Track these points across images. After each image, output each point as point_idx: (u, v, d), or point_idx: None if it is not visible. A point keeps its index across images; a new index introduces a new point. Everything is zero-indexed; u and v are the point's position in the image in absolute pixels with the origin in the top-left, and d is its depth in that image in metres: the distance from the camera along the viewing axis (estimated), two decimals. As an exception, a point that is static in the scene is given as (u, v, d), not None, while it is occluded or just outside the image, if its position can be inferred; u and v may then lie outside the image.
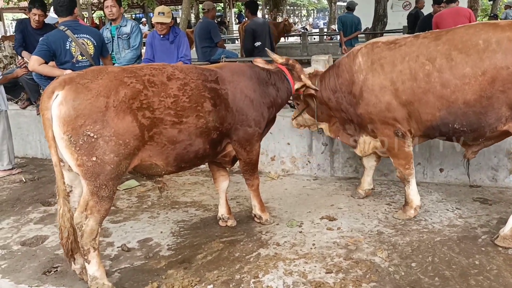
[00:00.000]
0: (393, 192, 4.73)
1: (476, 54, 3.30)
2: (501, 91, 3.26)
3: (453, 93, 3.39)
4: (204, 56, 8.06)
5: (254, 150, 3.85)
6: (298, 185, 5.10)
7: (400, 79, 3.60)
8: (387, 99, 3.69)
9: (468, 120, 3.44)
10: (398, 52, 3.65)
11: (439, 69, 3.43)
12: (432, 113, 3.55)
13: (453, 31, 3.53)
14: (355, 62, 3.86)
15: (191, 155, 3.42)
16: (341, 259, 3.45)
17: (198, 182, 5.30)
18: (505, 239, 3.46)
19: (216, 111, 3.47)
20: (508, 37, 3.23)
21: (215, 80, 3.56)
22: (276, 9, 20.13)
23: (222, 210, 4.13)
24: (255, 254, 3.59)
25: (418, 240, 3.68)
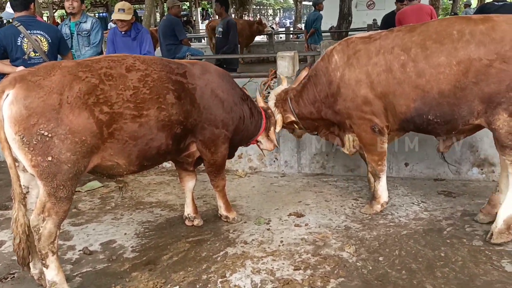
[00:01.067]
0: (359, 188, 4.75)
1: (450, 44, 3.33)
2: (474, 83, 3.28)
3: (428, 82, 3.41)
4: (168, 54, 7.92)
5: (219, 152, 3.75)
6: (265, 183, 5.05)
7: (375, 71, 3.60)
8: (363, 93, 3.68)
9: (442, 111, 3.46)
10: (373, 46, 3.65)
11: (414, 58, 3.44)
12: (407, 105, 3.55)
13: (427, 24, 3.58)
14: (331, 61, 3.84)
15: (153, 152, 3.30)
16: (309, 255, 3.42)
17: (164, 182, 5.19)
18: (501, 234, 3.40)
19: (180, 104, 3.35)
20: (481, 30, 3.27)
21: (182, 74, 3.45)
22: (242, 8, 20.06)
23: (189, 210, 4.03)
24: (222, 253, 3.52)
25: (385, 234, 3.69)
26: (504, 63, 3.18)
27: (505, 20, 3.29)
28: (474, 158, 4.74)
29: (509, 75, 3.18)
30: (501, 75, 3.19)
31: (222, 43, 8.34)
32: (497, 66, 3.20)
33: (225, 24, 8.30)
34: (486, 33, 3.24)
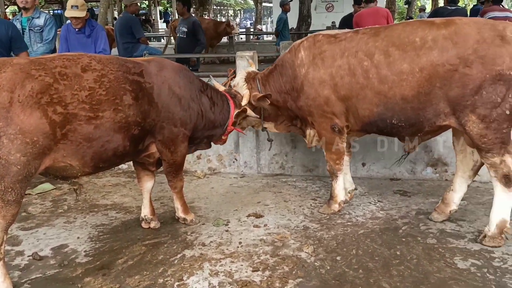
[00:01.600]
0: (318, 187, 4.78)
1: (413, 51, 3.33)
2: (439, 87, 3.29)
3: (391, 89, 3.41)
4: (125, 53, 7.73)
5: (178, 151, 3.68)
6: (224, 183, 5.01)
7: (339, 74, 3.60)
8: (326, 94, 3.68)
9: (406, 116, 3.46)
10: (338, 47, 3.64)
11: (377, 65, 3.44)
12: (370, 109, 3.56)
13: (391, 28, 3.57)
14: (298, 56, 3.81)
15: (109, 154, 3.20)
16: (267, 256, 3.40)
17: (120, 184, 5.05)
18: (494, 238, 3.42)
19: (138, 105, 3.27)
20: (444, 35, 3.28)
21: (139, 73, 3.36)
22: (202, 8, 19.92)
23: (146, 211, 3.93)
24: (179, 256, 3.44)
25: (343, 233, 3.72)
26: (467, 68, 3.19)
27: (467, 23, 3.31)
28: (428, 158, 4.87)
29: (473, 79, 3.18)
30: (464, 79, 3.20)
31: (186, 43, 8.23)
32: (461, 70, 3.21)
33: (191, 24, 8.19)
34: (448, 38, 3.25)
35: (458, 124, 3.35)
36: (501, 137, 3.25)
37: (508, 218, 3.39)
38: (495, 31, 3.20)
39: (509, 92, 3.16)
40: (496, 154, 3.29)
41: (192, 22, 8.25)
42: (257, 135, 5.18)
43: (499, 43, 3.16)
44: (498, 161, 3.29)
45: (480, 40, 3.18)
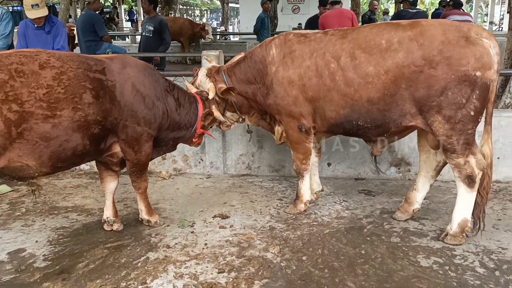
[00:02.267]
0: (284, 188, 4.77)
1: (379, 54, 3.34)
2: (404, 89, 3.31)
3: (357, 91, 3.41)
4: (88, 51, 7.54)
5: (143, 151, 3.58)
6: (190, 184, 4.93)
7: (308, 75, 3.58)
8: (294, 94, 3.66)
9: (372, 117, 3.48)
10: (307, 47, 3.62)
11: (344, 67, 3.43)
12: (336, 111, 3.56)
13: (358, 30, 3.57)
14: (269, 54, 3.76)
15: (68, 153, 3.11)
16: (233, 257, 3.36)
17: (81, 185, 4.90)
18: (455, 237, 3.47)
19: (99, 103, 3.18)
20: (409, 36, 3.30)
21: (101, 71, 3.26)
22: (168, 7, 19.65)
23: (108, 213, 3.82)
24: (143, 258, 3.36)
25: (309, 233, 3.72)
26: (433, 69, 3.22)
27: (433, 25, 3.34)
28: (392, 158, 4.94)
29: (438, 80, 3.21)
30: (430, 80, 3.23)
31: (152, 42, 8.09)
32: (426, 71, 3.23)
33: (157, 23, 8.05)
34: (414, 39, 3.27)
35: (425, 124, 3.38)
36: (466, 138, 3.30)
37: (470, 217, 3.46)
38: (460, 32, 3.25)
39: (473, 93, 3.20)
40: (460, 155, 3.34)
41: (159, 21, 8.12)
42: (223, 135, 5.14)
43: (464, 44, 3.20)
44: (462, 161, 3.35)
45: (445, 41, 3.22)
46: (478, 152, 3.38)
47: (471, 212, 3.47)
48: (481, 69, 3.17)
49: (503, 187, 4.60)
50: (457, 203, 3.48)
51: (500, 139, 4.67)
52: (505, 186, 4.65)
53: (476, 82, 3.18)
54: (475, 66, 3.17)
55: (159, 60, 7.93)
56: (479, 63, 3.17)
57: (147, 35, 8.10)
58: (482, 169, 3.38)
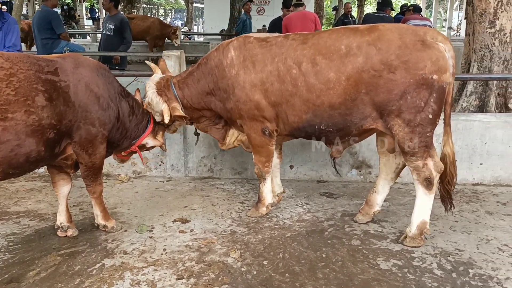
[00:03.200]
0: (246, 190, 4.72)
1: (339, 59, 3.35)
2: (365, 93, 3.33)
3: (319, 97, 3.41)
4: (44, 49, 7.27)
5: (97, 153, 3.46)
6: (150, 187, 4.81)
7: (270, 80, 3.55)
8: (256, 98, 3.61)
9: (334, 121, 3.48)
10: (269, 52, 3.59)
11: (305, 73, 3.43)
12: (299, 116, 3.55)
13: (318, 35, 3.55)
14: (227, 56, 3.68)
15: (20, 159, 2.95)
16: (193, 263, 3.28)
17: (35, 189, 4.70)
18: (414, 239, 3.51)
19: (53, 106, 3.04)
20: (367, 41, 3.32)
21: (53, 71, 3.12)
22: (131, 5, 19.28)
23: (62, 218, 3.67)
24: (98, 265, 3.23)
25: (270, 237, 3.69)
26: (391, 73, 3.24)
27: (390, 29, 3.36)
28: (353, 160, 4.98)
29: (397, 84, 3.24)
30: (389, 85, 3.25)
31: (112, 41, 7.87)
32: (385, 76, 3.25)
33: (119, 21, 7.84)
34: (372, 44, 3.29)
35: (385, 128, 3.41)
36: (425, 141, 3.34)
37: (428, 220, 3.51)
38: (416, 36, 3.28)
39: (431, 96, 3.25)
40: (419, 157, 3.38)
41: (120, 20, 7.91)
42: (184, 137, 5.04)
43: (421, 48, 3.24)
44: (421, 164, 3.39)
45: (402, 45, 3.25)
46: (436, 155, 3.43)
47: (430, 214, 3.51)
48: (438, 72, 3.22)
49: (460, 189, 4.71)
50: (415, 206, 3.52)
51: (457, 142, 4.77)
52: (462, 188, 4.76)
53: (434, 85, 3.23)
54: (432, 69, 3.21)
55: (119, 59, 7.73)
56: (436, 66, 3.21)
57: (108, 33, 7.88)
58: (440, 172, 3.43)
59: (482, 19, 5.50)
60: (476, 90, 5.74)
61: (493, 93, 5.55)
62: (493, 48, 5.49)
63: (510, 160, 4.78)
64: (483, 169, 4.81)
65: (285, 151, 4.94)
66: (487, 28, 5.48)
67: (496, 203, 4.39)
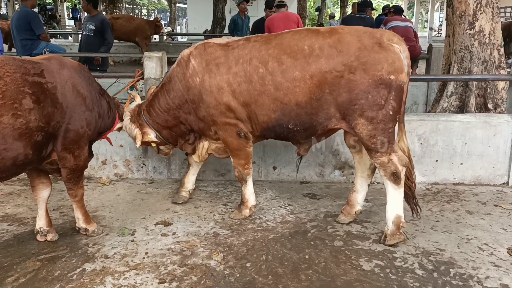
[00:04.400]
0: (229, 192, 4.71)
1: (303, 59, 3.45)
2: (329, 93, 3.43)
3: (286, 95, 3.49)
4: (24, 50, 7.19)
5: (82, 155, 3.43)
6: (132, 190, 4.76)
7: (236, 81, 3.59)
8: (226, 100, 3.64)
9: (301, 121, 3.56)
10: (232, 54, 3.63)
11: (272, 72, 3.50)
12: (268, 115, 3.60)
13: (281, 36, 3.63)
14: (189, 67, 3.73)
15: (7, 163, 2.92)
16: (175, 266, 3.26)
17: (14, 193, 4.61)
18: (394, 235, 3.55)
19: (40, 108, 3.01)
20: (329, 43, 3.42)
21: (40, 73, 3.09)
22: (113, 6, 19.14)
23: (41, 223, 3.60)
24: (79, 270, 3.19)
25: (253, 239, 3.68)
26: (352, 74, 3.37)
27: (349, 32, 3.50)
28: (336, 161, 4.99)
29: (358, 84, 3.37)
30: (350, 85, 3.38)
31: (93, 41, 7.79)
32: (346, 76, 3.38)
33: (99, 22, 7.76)
34: (333, 46, 3.42)
35: (349, 128, 3.53)
36: (388, 136, 3.47)
37: (402, 214, 3.56)
38: (373, 39, 3.43)
39: (390, 94, 3.39)
40: (384, 153, 3.47)
41: (100, 20, 7.83)
42: (167, 139, 4.99)
43: (378, 50, 3.38)
44: (386, 160, 3.49)
45: (361, 47, 3.38)
46: (398, 149, 3.57)
47: (403, 208, 3.60)
48: (395, 72, 3.37)
49: (441, 189, 4.76)
50: (388, 202, 3.59)
51: (438, 143, 4.83)
52: (443, 188, 4.81)
53: (392, 84, 3.37)
54: (389, 70, 3.36)
55: (100, 60, 7.65)
56: (392, 67, 3.36)
57: (88, 34, 7.79)
58: (405, 165, 3.54)
59: (461, 21, 5.57)
60: (456, 91, 5.80)
61: (473, 93, 5.61)
62: (472, 49, 5.55)
63: (489, 160, 4.86)
64: (464, 169, 4.87)
65: (268, 152, 4.96)
66: (467, 30, 5.54)
67: (477, 202, 4.44)
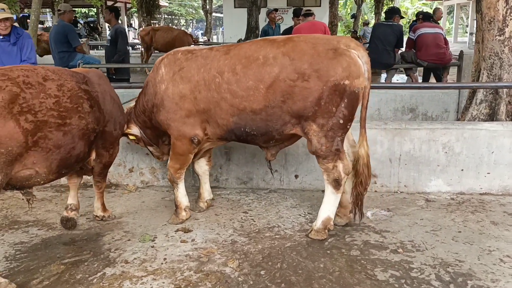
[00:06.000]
0: (251, 200, 4.75)
1: (257, 68, 3.56)
2: (283, 101, 3.53)
3: (241, 103, 3.62)
4: (61, 62, 7.52)
5: (114, 153, 4.02)
6: (156, 197, 4.90)
7: (197, 88, 3.77)
8: (187, 107, 3.82)
9: (257, 126, 3.69)
10: (194, 63, 3.81)
11: (228, 81, 3.64)
12: (226, 119, 3.75)
13: (240, 47, 3.77)
14: (159, 73, 3.95)
15: (73, 160, 3.41)
16: (191, 272, 3.34)
17: (46, 198, 4.83)
18: (318, 232, 3.77)
19: (93, 112, 3.51)
20: (283, 52, 3.52)
21: (86, 82, 3.58)
22: (150, 17, 19.66)
23: (72, 200, 4.10)
24: (99, 274, 3.32)
25: (270, 247, 3.71)
26: (305, 81, 3.44)
27: (304, 40, 3.57)
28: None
29: (311, 92, 3.44)
30: (304, 93, 3.46)
31: (109, 51, 8.18)
32: (300, 84, 3.46)
33: (114, 31, 8.10)
34: (286, 55, 3.50)
35: (303, 133, 3.63)
36: (337, 144, 3.55)
37: (333, 216, 3.80)
38: (329, 45, 3.49)
39: (342, 102, 3.45)
40: (330, 160, 3.59)
41: (115, 30, 8.15)
42: (191, 147, 5.11)
43: (332, 56, 3.43)
44: (331, 166, 3.61)
45: (314, 54, 3.44)
46: (345, 158, 3.66)
47: (335, 211, 3.80)
48: (349, 77, 3.41)
49: (467, 199, 4.65)
50: (323, 203, 3.78)
51: (463, 151, 4.73)
52: (469, 197, 4.69)
53: (346, 90, 3.42)
54: (343, 75, 3.41)
55: (113, 70, 8.01)
56: (347, 72, 3.41)
57: (107, 44, 8.33)
58: (348, 174, 3.66)
59: (491, 27, 5.44)
60: (486, 98, 5.66)
61: (503, 101, 5.46)
62: (502, 56, 5.41)
63: (518, 169, 4.71)
64: (491, 179, 4.74)
65: (290, 160, 4.99)
66: (496, 36, 5.41)
67: (503, 213, 4.31)
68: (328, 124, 3.48)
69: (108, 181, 5.24)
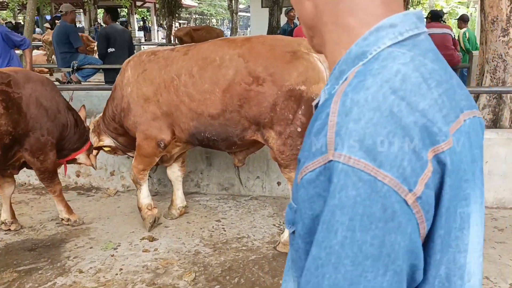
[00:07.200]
0: (228, 207, 4.58)
1: (212, 70, 3.36)
2: (240, 106, 3.32)
3: (199, 106, 3.46)
4: (63, 62, 7.54)
5: (48, 159, 3.75)
6: (133, 202, 4.74)
7: (159, 91, 3.63)
8: (151, 109, 3.69)
9: (216, 131, 3.51)
10: (156, 65, 3.67)
11: (185, 84, 3.48)
12: (187, 122, 3.59)
13: (198, 47, 3.59)
14: (125, 76, 3.82)
15: None
16: (143, 285, 3.20)
17: (24, 201, 4.79)
18: (286, 245, 3.58)
19: (9, 114, 3.35)
20: (238, 53, 3.30)
21: (7, 83, 3.44)
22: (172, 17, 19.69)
23: (5, 215, 3.96)
24: (49, 284, 3.22)
25: (232, 259, 3.53)
26: (260, 86, 3.22)
27: (262, 41, 3.34)
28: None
29: (266, 96, 3.21)
30: (259, 97, 3.23)
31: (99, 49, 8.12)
32: (255, 88, 3.23)
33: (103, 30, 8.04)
34: (242, 57, 3.27)
35: (263, 140, 3.40)
36: (296, 153, 3.26)
37: None
38: (287, 48, 3.24)
39: (299, 108, 3.18)
40: (292, 169, 3.36)
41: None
42: (173, 151, 4.99)
43: (288, 59, 3.18)
44: (293, 175, 3.31)
45: (270, 57, 3.21)
46: None
47: None
48: (306, 83, 3.14)
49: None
50: None
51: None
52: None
53: (302, 96, 3.15)
54: (298, 80, 3.14)
55: None
56: (303, 77, 3.14)
57: None
58: None
59: (494, 27, 5.08)
60: (489, 103, 5.30)
61: (507, 106, 5.11)
62: (506, 58, 5.05)
63: (516, 181, 4.36)
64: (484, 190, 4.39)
65: (272, 167, 4.79)
66: (500, 37, 5.05)
67: (493, 228, 3.99)
68: (286, 131, 3.25)
69: (90, 184, 5.20)
